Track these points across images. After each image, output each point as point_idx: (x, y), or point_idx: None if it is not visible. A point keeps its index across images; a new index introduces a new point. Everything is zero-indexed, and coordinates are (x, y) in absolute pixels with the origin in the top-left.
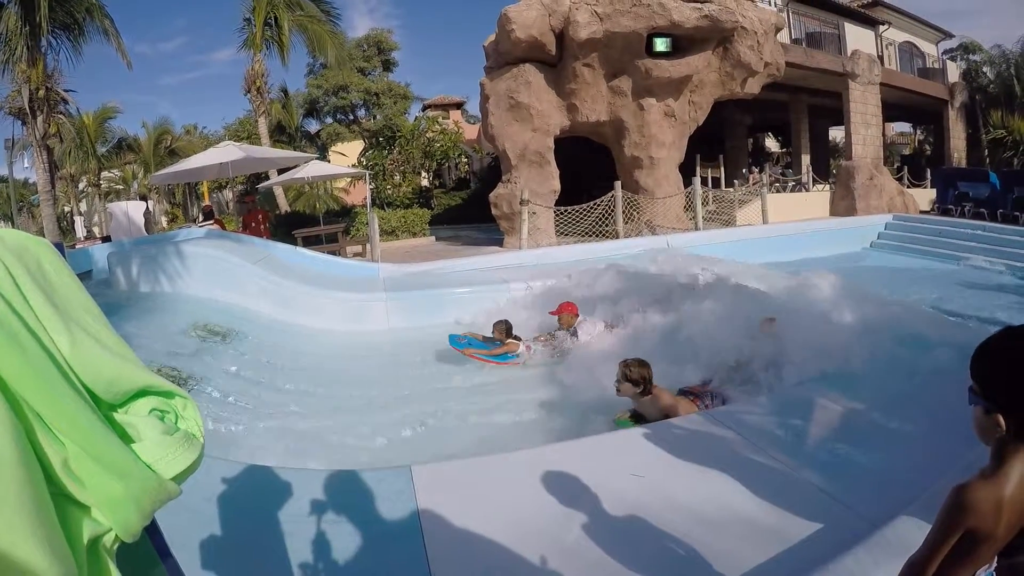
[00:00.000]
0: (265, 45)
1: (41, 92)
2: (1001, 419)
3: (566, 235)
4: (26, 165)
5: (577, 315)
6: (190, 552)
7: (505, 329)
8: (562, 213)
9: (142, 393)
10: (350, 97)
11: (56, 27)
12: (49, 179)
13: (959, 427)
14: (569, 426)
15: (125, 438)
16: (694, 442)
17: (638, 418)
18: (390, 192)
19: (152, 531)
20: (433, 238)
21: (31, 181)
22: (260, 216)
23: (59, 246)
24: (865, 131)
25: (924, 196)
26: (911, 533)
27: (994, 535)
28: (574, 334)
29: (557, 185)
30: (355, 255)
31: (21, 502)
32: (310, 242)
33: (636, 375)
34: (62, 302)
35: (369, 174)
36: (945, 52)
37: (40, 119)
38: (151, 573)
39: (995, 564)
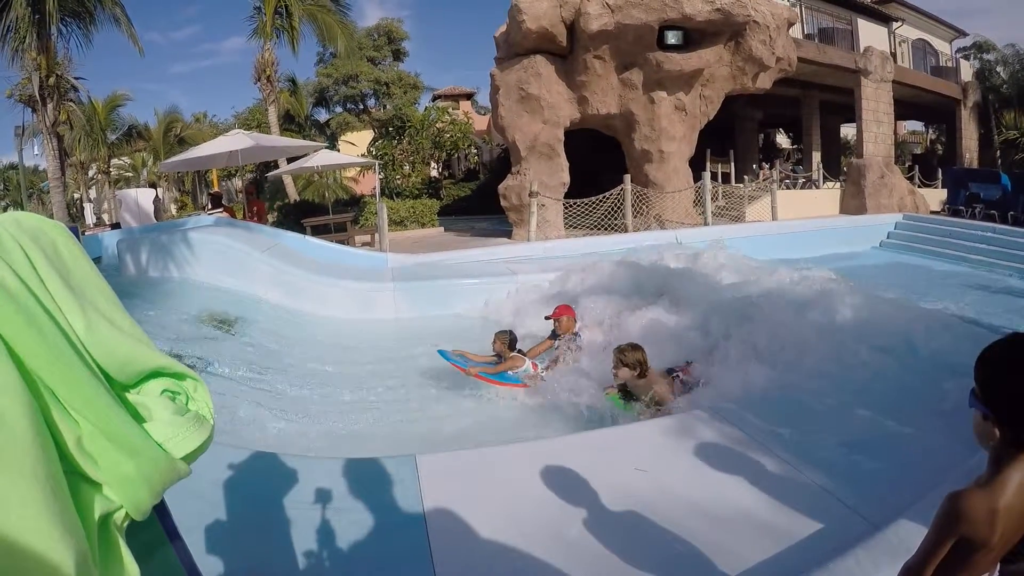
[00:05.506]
0: (275, 34)
1: (51, 80)
2: (995, 428)
3: (575, 228)
4: (36, 152)
5: (575, 319)
6: (197, 536)
7: (509, 341)
8: (571, 206)
9: (154, 374)
10: (360, 86)
11: (66, 15)
12: (59, 166)
13: (963, 430)
14: (571, 419)
15: (137, 418)
16: (699, 438)
17: (627, 395)
18: (399, 182)
19: (162, 513)
20: (442, 229)
21: (41, 168)
22: (256, 208)
23: (74, 230)
24: (877, 129)
25: (935, 196)
26: (912, 536)
27: (988, 544)
28: (578, 337)
29: (567, 178)
30: (364, 244)
31: (36, 478)
32: (319, 231)
33: (632, 360)
34: (77, 284)
35: (378, 164)
36: (959, 51)
37: (50, 106)
38: (160, 553)
39: (997, 572)
